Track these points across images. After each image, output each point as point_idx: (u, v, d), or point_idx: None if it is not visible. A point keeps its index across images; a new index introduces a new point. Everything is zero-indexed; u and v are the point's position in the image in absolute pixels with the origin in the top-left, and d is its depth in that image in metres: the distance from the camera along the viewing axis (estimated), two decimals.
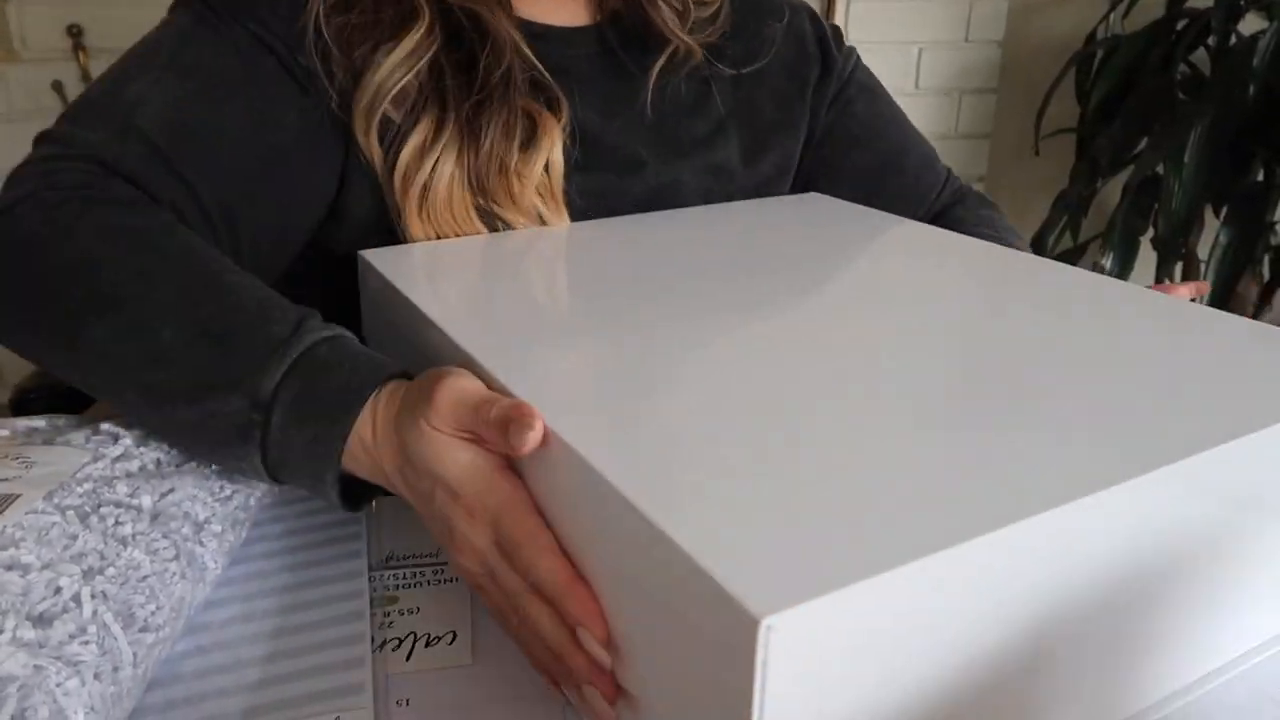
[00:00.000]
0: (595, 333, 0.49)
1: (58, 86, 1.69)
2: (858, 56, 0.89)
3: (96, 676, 0.36)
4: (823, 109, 0.85)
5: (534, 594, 0.40)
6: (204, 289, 0.50)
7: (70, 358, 0.51)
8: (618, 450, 0.37)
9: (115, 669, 0.37)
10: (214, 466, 0.51)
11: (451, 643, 0.47)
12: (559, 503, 0.40)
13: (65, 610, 0.37)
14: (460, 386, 0.43)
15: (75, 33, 1.68)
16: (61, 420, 0.53)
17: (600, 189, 0.73)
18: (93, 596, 0.38)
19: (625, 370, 0.45)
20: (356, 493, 0.49)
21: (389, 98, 0.63)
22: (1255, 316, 1.70)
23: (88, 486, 0.44)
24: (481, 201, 0.66)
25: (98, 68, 1.56)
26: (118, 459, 0.48)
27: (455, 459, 0.42)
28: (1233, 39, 1.75)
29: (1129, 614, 0.39)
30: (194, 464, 0.50)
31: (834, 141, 0.87)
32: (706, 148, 0.78)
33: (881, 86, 0.91)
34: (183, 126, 0.58)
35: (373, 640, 0.47)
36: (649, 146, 0.75)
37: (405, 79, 0.64)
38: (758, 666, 0.27)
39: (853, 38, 1.01)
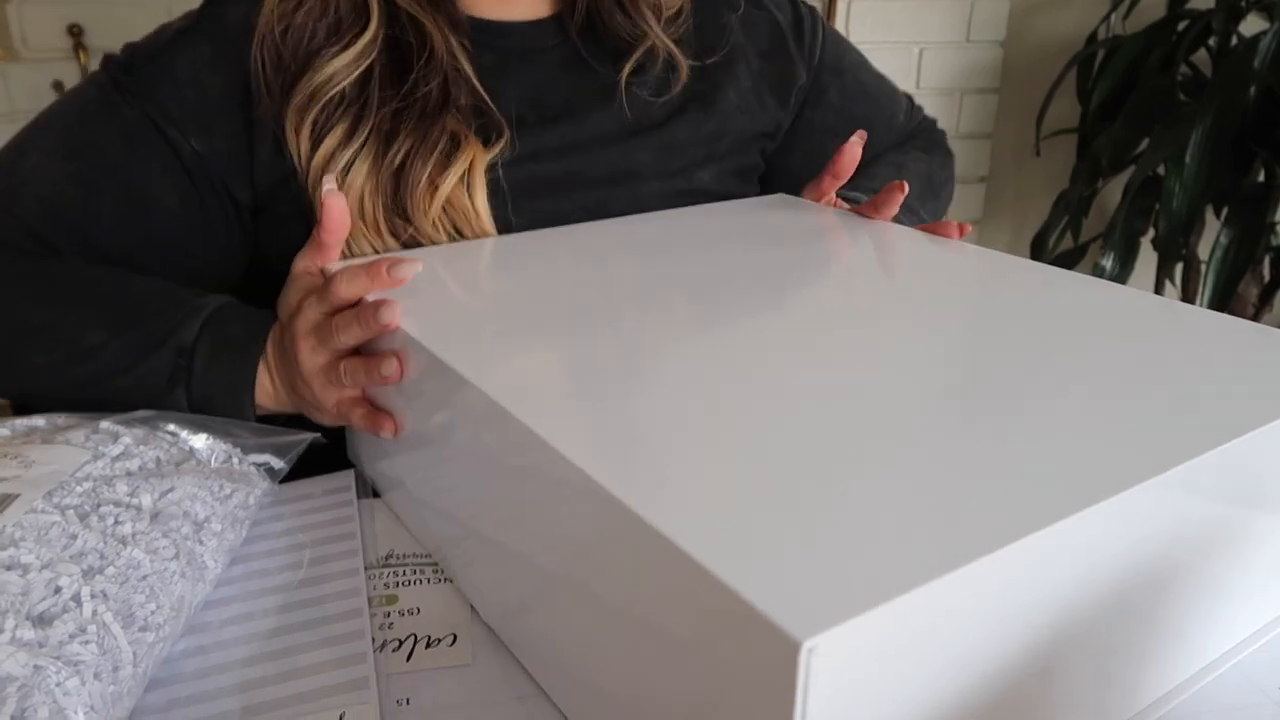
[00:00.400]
0: (588, 343, 0.49)
1: (58, 86, 1.69)
2: (824, 33, 0.87)
3: (96, 676, 0.36)
4: (792, 101, 0.85)
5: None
6: (112, 292, 0.61)
7: (17, 386, 0.62)
8: (630, 474, 0.36)
9: (115, 668, 0.37)
10: (214, 465, 0.51)
11: (452, 644, 0.47)
12: (564, 532, 0.39)
13: (65, 610, 0.37)
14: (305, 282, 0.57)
15: (75, 32, 1.67)
16: (61, 419, 0.53)
17: (560, 173, 0.72)
18: (92, 596, 0.38)
19: (626, 388, 0.44)
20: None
21: (324, 99, 0.64)
22: (1255, 317, 1.70)
23: (87, 486, 0.44)
24: (392, 211, 0.65)
25: None
26: (117, 458, 0.48)
27: (307, 359, 0.56)
28: (1234, 40, 1.75)
29: (1133, 615, 0.39)
30: (194, 463, 0.50)
31: (810, 134, 0.87)
32: (666, 131, 0.77)
33: (846, 44, 0.91)
34: (59, 211, 0.64)
35: (373, 640, 0.47)
36: (610, 132, 0.75)
37: (345, 83, 0.64)
38: (799, 691, 0.27)
39: (853, 38, 1.01)
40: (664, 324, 0.52)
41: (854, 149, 0.75)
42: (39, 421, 0.52)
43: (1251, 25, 1.74)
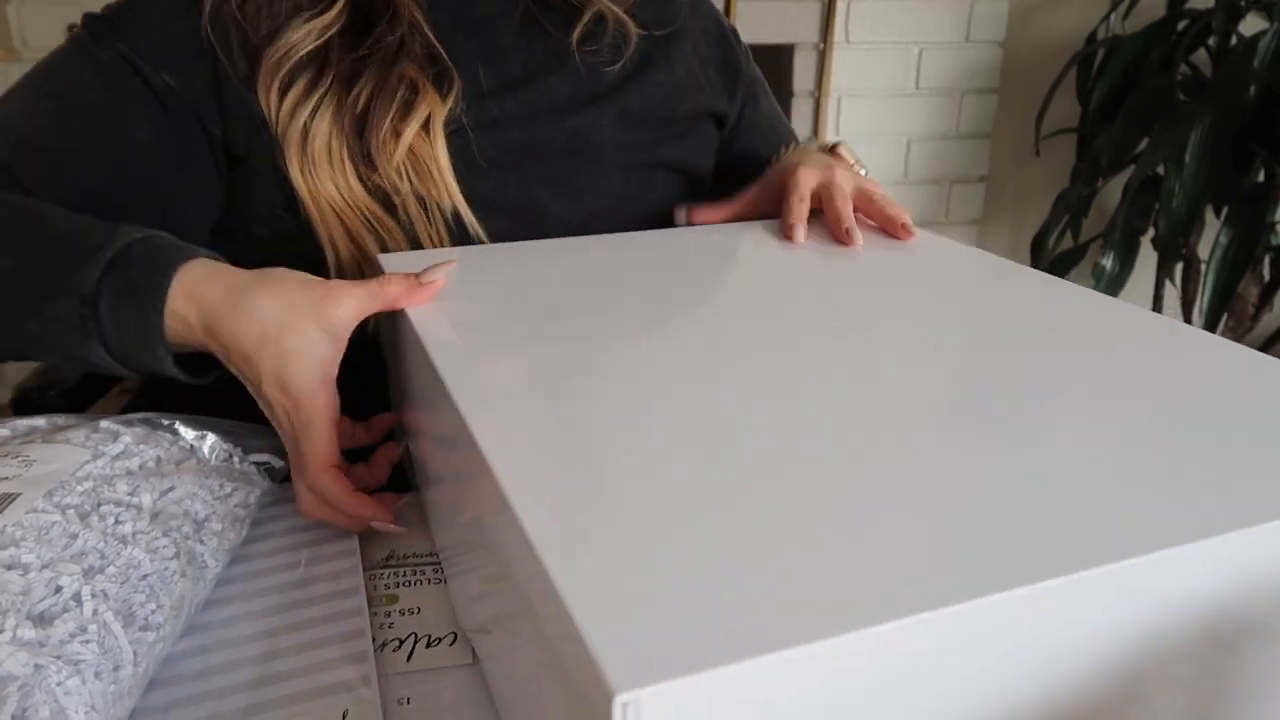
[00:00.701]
0: (554, 351, 0.47)
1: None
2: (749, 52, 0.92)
3: (97, 675, 0.36)
4: (739, 95, 0.88)
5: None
6: (32, 223, 0.58)
7: None
8: (535, 482, 0.34)
9: (116, 668, 0.37)
10: (214, 464, 0.51)
11: (453, 643, 0.47)
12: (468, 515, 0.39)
13: (65, 609, 0.37)
14: (350, 298, 0.53)
15: None
16: (61, 419, 0.53)
17: (519, 140, 0.73)
18: (93, 595, 0.38)
19: (579, 401, 0.42)
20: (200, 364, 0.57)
21: (291, 63, 0.66)
22: (1255, 317, 1.70)
23: (88, 485, 0.44)
24: (357, 155, 0.67)
25: None
26: (117, 457, 0.48)
27: (305, 376, 0.52)
28: (1233, 39, 1.75)
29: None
30: (194, 462, 0.50)
31: (744, 132, 0.89)
32: (622, 97, 0.79)
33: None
34: (30, 146, 0.65)
35: (374, 640, 0.47)
36: (568, 97, 0.76)
37: (310, 46, 0.67)
38: None
39: (853, 38, 1.01)
40: (621, 337, 0.50)
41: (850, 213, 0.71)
42: (39, 421, 0.52)
43: (1251, 25, 1.74)
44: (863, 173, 0.78)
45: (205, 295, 0.53)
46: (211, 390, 0.68)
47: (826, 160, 0.76)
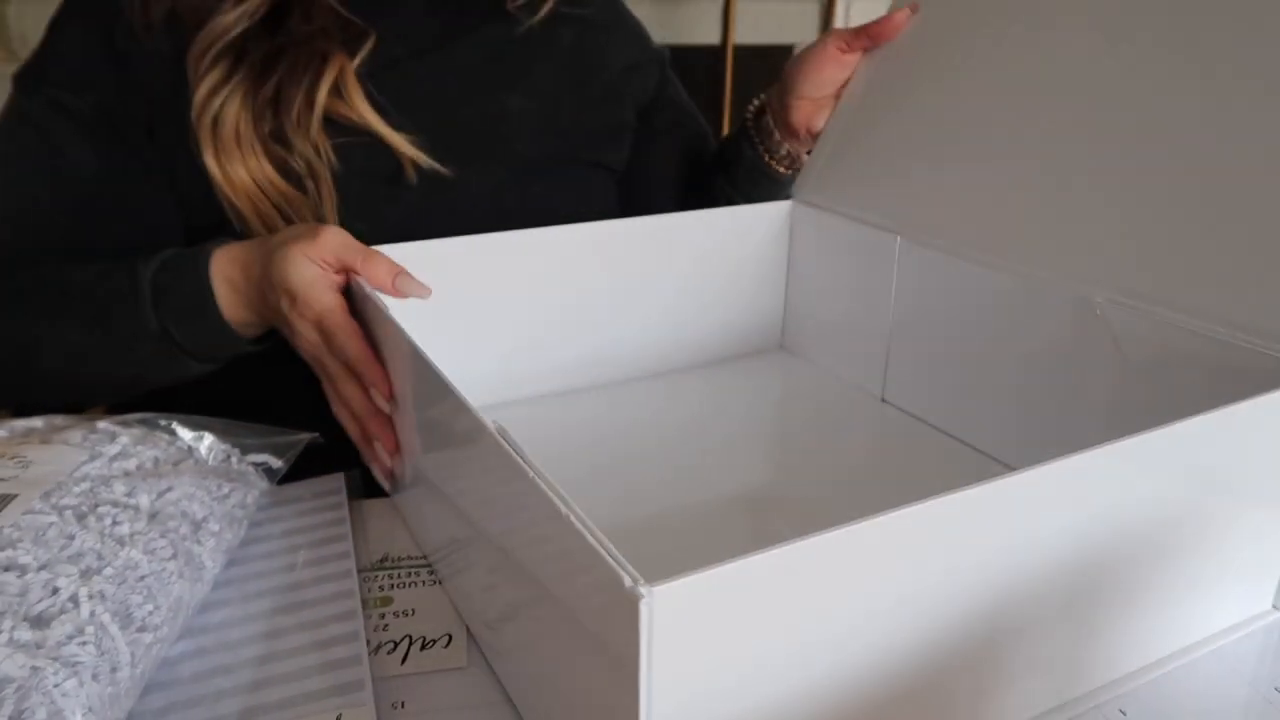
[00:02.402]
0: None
1: None
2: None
3: (94, 677, 0.36)
4: (651, 83, 0.90)
5: (347, 374, 0.56)
6: (64, 292, 0.65)
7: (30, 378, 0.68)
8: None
9: (113, 669, 0.38)
10: (212, 465, 0.51)
11: (447, 645, 0.48)
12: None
13: (63, 611, 0.38)
14: (346, 234, 0.58)
15: None
16: (59, 419, 0.53)
17: (431, 122, 0.74)
18: (90, 597, 0.38)
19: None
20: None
21: (217, 48, 0.69)
22: None
23: (85, 486, 0.44)
24: (271, 137, 0.69)
25: None
26: (115, 458, 0.48)
27: (301, 274, 0.56)
28: None
29: (1093, 589, 0.39)
30: (191, 463, 0.51)
31: (665, 109, 0.91)
32: (533, 76, 0.80)
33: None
34: (9, 221, 0.69)
35: (368, 643, 0.47)
36: (478, 73, 0.78)
37: (245, 26, 0.69)
38: (642, 636, 0.29)
39: None
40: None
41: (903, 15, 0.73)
42: (37, 423, 0.52)
43: None
44: None
45: (236, 259, 0.61)
46: (213, 390, 0.68)
47: None
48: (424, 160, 0.72)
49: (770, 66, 1.97)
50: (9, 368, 0.67)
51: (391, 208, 0.73)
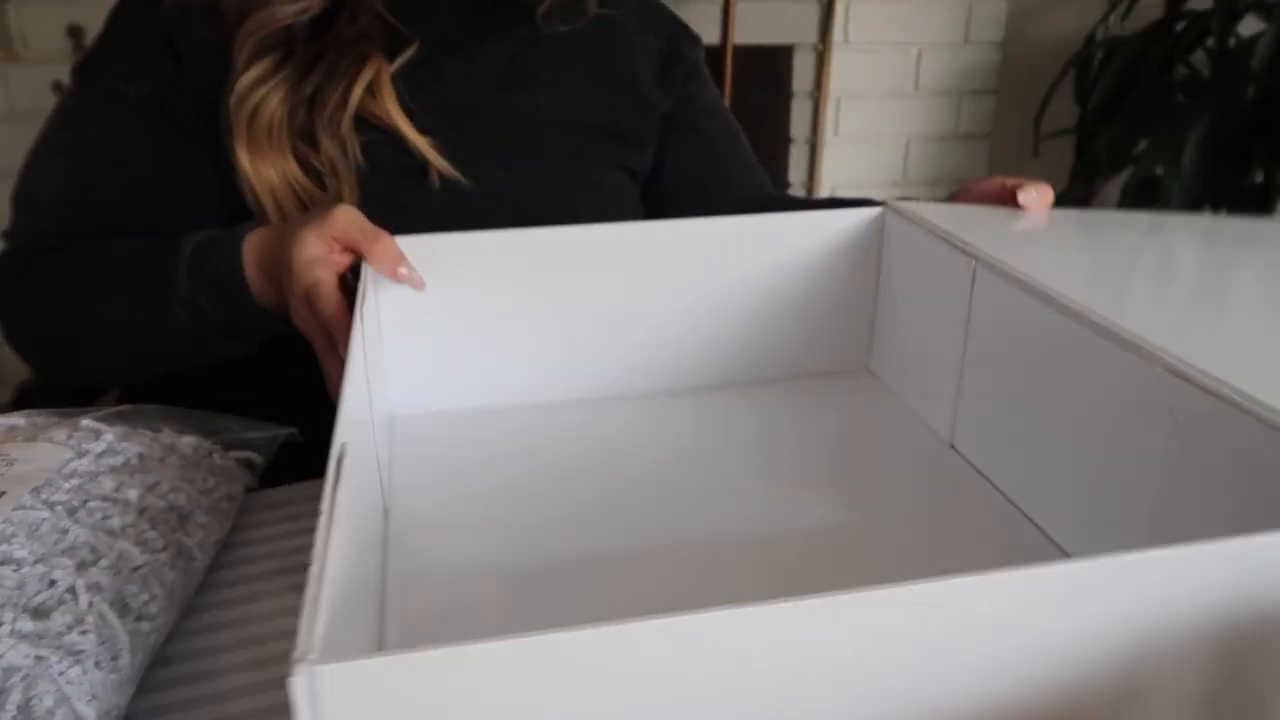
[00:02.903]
0: None
1: (57, 86, 1.69)
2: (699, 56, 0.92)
3: (97, 665, 0.36)
4: (675, 88, 0.88)
5: (330, 347, 0.56)
6: (108, 268, 0.69)
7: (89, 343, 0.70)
8: None
9: (114, 657, 0.38)
10: (194, 458, 0.51)
11: None
12: None
13: (62, 602, 0.38)
14: (358, 214, 0.59)
15: (75, 33, 1.68)
16: (41, 418, 0.53)
17: (458, 120, 0.75)
18: (88, 588, 0.38)
19: None
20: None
21: (273, 29, 0.70)
22: None
23: (75, 483, 0.45)
24: (301, 135, 0.70)
25: None
26: (101, 455, 0.48)
27: (303, 251, 0.57)
28: (1232, 40, 1.75)
29: None
30: (175, 458, 0.51)
31: (690, 115, 0.89)
32: (561, 78, 0.81)
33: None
34: (70, 202, 0.72)
35: None
36: (505, 73, 0.79)
37: (296, 20, 0.71)
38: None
39: (853, 38, 1.01)
40: None
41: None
42: (19, 421, 0.53)
43: (1249, 26, 1.74)
44: None
45: (266, 239, 0.62)
46: (201, 385, 0.68)
47: None
48: (447, 169, 0.73)
49: (770, 66, 1.97)
50: (61, 337, 0.70)
51: (415, 206, 0.73)
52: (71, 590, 0.38)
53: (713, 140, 0.90)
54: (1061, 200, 0.69)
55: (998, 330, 0.56)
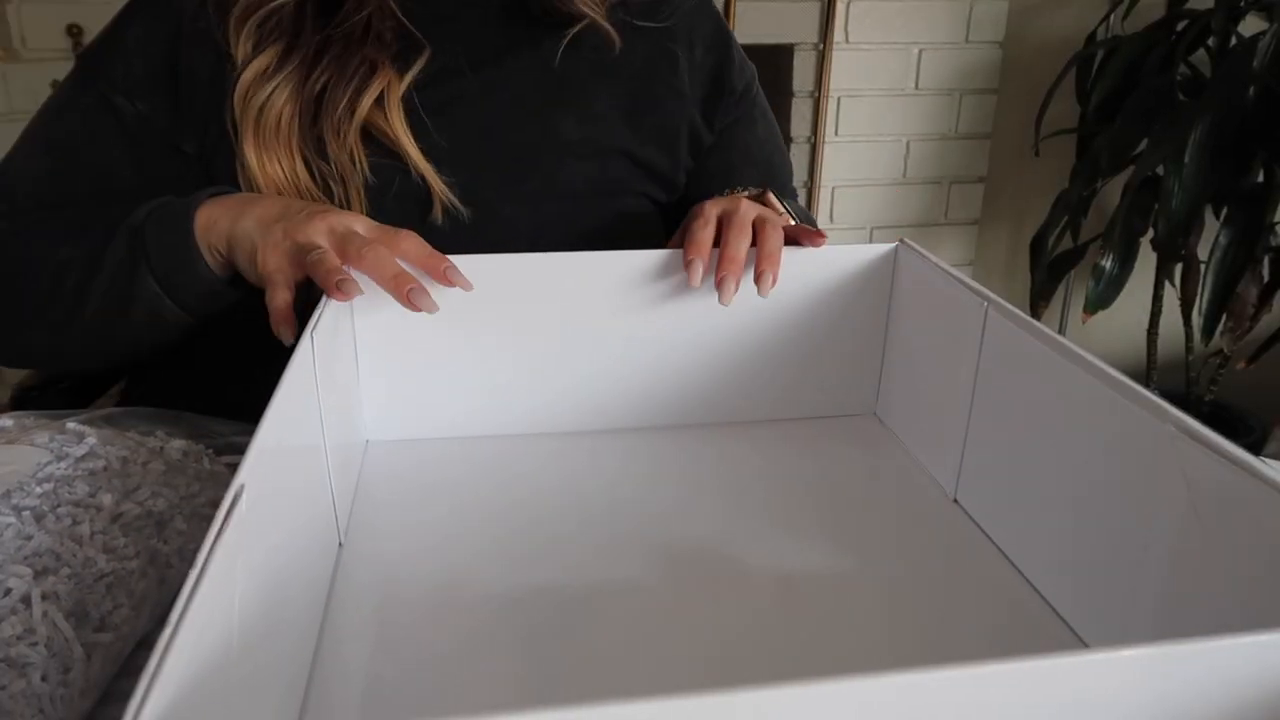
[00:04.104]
0: None
1: (57, 86, 1.69)
2: (755, 72, 0.87)
3: (44, 678, 0.36)
4: (720, 109, 0.82)
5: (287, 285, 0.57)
6: (77, 220, 0.67)
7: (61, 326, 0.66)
8: None
9: (65, 669, 0.37)
10: (180, 463, 0.51)
11: None
12: None
13: (13, 612, 0.37)
14: (368, 221, 0.59)
15: (75, 33, 1.68)
16: (30, 419, 0.53)
17: (475, 145, 0.72)
18: (44, 597, 0.38)
19: None
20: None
21: (260, 13, 0.68)
22: (1254, 317, 1.69)
23: (48, 487, 0.44)
24: (309, 141, 0.68)
25: None
26: (82, 458, 0.48)
27: (340, 217, 0.58)
28: (1233, 40, 1.74)
29: None
30: (159, 463, 0.50)
31: (726, 150, 0.84)
32: (590, 101, 0.76)
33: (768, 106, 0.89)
34: (44, 204, 0.70)
35: None
36: (532, 94, 0.75)
37: (283, 3, 0.68)
38: None
39: (853, 38, 1.00)
40: None
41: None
42: (6, 422, 0.52)
43: (1250, 25, 1.73)
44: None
45: (228, 196, 0.61)
46: (201, 386, 0.68)
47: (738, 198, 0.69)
48: (452, 202, 0.70)
49: (771, 66, 1.97)
50: (28, 297, 0.66)
51: (424, 231, 0.68)
52: (25, 599, 0.38)
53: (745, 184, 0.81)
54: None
55: (1007, 376, 0.54)
